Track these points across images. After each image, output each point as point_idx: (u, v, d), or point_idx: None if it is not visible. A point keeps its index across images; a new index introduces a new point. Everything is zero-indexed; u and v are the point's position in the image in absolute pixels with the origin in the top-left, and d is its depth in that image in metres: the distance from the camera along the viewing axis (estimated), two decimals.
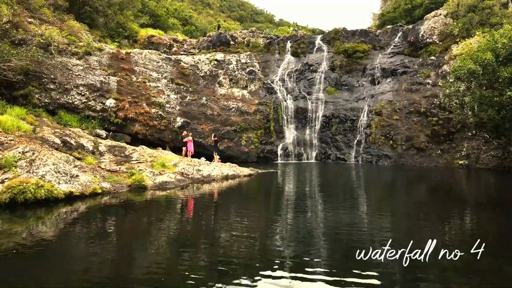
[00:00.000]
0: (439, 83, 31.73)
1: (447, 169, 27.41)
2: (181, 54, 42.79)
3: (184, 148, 20.34)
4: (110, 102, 29.00)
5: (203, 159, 24.15)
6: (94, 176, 15.33)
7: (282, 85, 36.27)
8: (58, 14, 34.47)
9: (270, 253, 7.36)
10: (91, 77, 29.19)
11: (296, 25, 50.21)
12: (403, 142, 30.33)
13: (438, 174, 25.32)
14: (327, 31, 41.45)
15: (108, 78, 29.77)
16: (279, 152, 32.74)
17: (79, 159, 19.55)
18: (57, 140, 21.27)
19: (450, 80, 28.53)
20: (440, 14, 36.75)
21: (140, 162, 19.64)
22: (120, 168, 17.14)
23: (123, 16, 43.02)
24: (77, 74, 28.90)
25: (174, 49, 43.66)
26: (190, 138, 20.01)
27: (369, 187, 18.43)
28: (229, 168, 20.47)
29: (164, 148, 30.59)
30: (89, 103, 28.56)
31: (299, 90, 36.30)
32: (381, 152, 31.02)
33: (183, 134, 21.07)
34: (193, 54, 42.22)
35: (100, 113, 28.75)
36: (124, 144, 26.76)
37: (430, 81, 32.26)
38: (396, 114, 31.48)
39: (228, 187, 17.49)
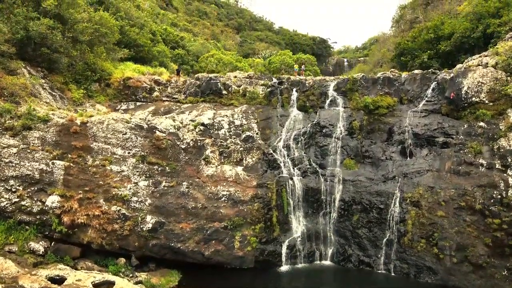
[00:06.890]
0: (497, 166, 23.89)
1: None
2: (164, 101, 35.30)
3: None
4: (52, 200, 21.00)
5: None
6: None
7: (287, 155, 28.36)
8: None
9: None
10: (27, 164, 21.24)
11: (303, 64, 42.47)
12: (453, 252, 22.41)
13: None
14: (342, 79, 33.44)
15: (53, 164, 21.78)
16: (285, 252, 24.78)
17: None
18: None
19: None
20: (487, 64, 28.85)
21: None
22: None
23: (93, 54, 35.22)
24: (7, 161, 20.97)
25: (156, 93, 36.14)
26: None
27: None
28: None
29: (128, 258, 22.67)
30: (23, 203, 20.61)
31: (309, 160, 28.40)
32: (421, 262, 23.11)
33: None
34: (178, 101, 34.81)
35: (38, 217, 20.79)
36: (63, 275, 18.81)
37: (484, 162, 24.31)
38: (441, 209, 23.57)
39: None
